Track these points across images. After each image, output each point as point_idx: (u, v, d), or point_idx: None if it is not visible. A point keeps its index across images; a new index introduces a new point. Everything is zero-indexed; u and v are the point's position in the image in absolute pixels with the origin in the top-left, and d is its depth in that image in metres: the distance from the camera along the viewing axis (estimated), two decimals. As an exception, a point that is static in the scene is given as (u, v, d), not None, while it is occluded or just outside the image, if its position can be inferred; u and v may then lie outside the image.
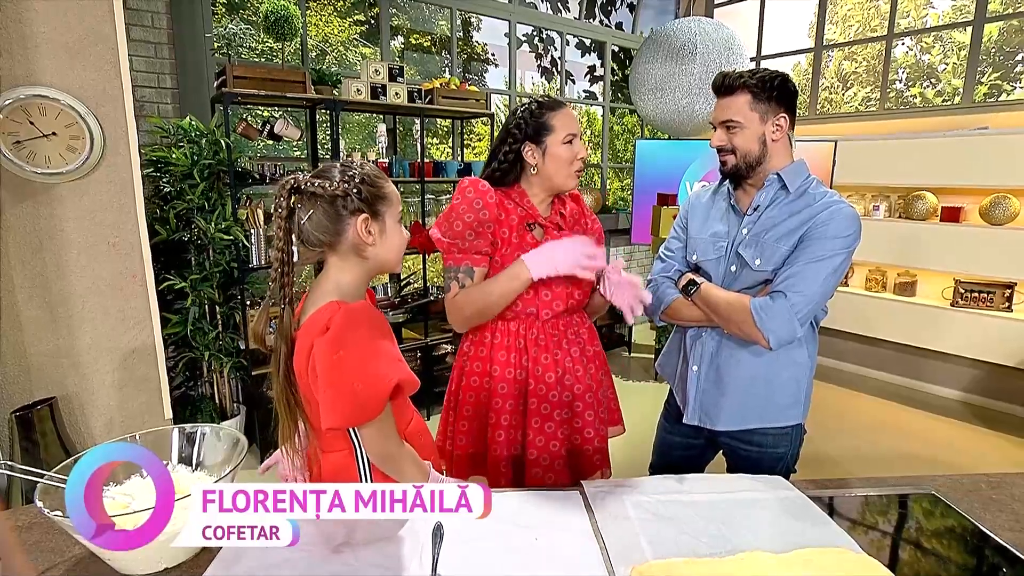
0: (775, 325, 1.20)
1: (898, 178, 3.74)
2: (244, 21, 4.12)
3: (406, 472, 1.02)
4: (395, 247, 1.03)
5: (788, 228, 1.24)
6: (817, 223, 1.21)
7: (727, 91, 1.25)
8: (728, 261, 1.33)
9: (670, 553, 0.89)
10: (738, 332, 1.26)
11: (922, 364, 3.81)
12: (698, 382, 1.37)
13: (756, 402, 1.32)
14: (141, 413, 2.13)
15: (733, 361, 1.32)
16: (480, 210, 1.28)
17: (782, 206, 1.27)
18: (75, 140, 1.89)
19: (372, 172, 1.00)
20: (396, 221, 1.03)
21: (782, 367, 1.30)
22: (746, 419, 1.33)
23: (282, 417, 0.99)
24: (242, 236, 2.54)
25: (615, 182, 6.05)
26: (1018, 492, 1.09)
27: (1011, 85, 5.32)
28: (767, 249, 1.25)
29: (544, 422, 1.33)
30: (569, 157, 1.30)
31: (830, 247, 1.20)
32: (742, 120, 1.25)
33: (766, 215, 1.28)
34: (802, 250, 1.22)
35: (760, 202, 1.29)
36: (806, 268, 1.20)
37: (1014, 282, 3.37)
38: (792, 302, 1.19)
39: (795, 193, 1.27)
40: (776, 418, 1.33)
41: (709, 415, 1.36)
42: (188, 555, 0.87)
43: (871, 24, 6.61)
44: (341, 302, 0.94)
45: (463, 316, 1.32)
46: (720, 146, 1.29)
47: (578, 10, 4.65)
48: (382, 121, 3.55)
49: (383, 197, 1.00)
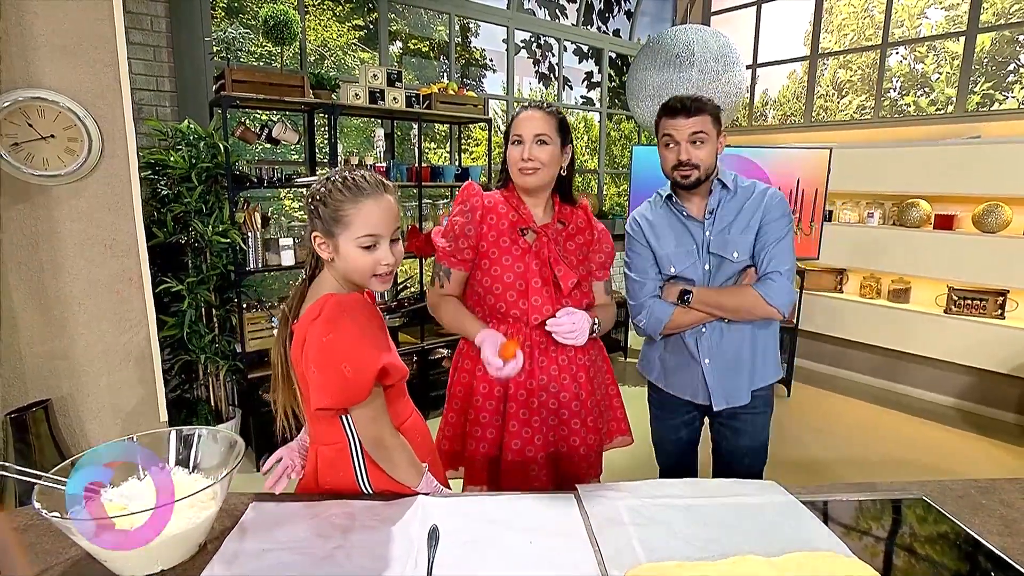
0: (782, 298, 1.43)
1: (892, 185, 3.78)
2: (243, 25, 4.14)
3: (398, 463, 1.04)
4: (354, 269, 1.01)
5: (746, 220, 1.48)
6: (767, 209, 1.47)
7: (696, 111, 1.43)
8: (702, 261, 1.51)
9: (663, 556, 0.90)
10: (748, 316, 1.47)
11: (915, 370, 3.83)
12: (715, 372, 1.52)
13: (759, 368, 1.53)
14: (136, 415, 2.13)
15: (736, 343, 1.51)
16: (466, 213, 1.35)
17: (727, 204, 1.50)
18: (73, 142, 1.89)
19: (339, 193, 0.98)
20: (354, 244, 0.99)
21: (764, 329, 1.53)
22: (753, 385, 1.53)
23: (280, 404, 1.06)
24: (239, 239, 2.55)
25: (611, 188, 6.08)
26: (1007, 497, 1.11)
27: (1003, 95, 5.37)
28: (740, 243, 1.47)
29: (522, 426, 1.35)
30: (513, 157, 1.35)
31: (784, 224, 1.47)
32: (710, 134, 1.44)
33: (719, 215, 1.50)
34: (766, 234, 1.46)
35: (714, 206, 1.50)
36: (778, 247, 1.45)
37: (1006, 290, 3.40)
38: (785, 275, 1.44)
39: (732, 190, 1.51)
40: (769, 375, 1.56)
41: (731, 395, 1.53)
42: (184, 557, 0.87)
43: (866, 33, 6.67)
44: (333, 294, 1.00)
45: (438, 316, 1.42)
46: (688, 160, 1.44)
47: (576, 17, 4.68)
48: (380, 126, 3.56)
49: (337, 220, 0.98)
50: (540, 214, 1.40)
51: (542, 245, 1.36)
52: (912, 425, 3.41)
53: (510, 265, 1.34)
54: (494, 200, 1.38)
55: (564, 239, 1.41)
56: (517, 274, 1.34)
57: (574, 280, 1.37)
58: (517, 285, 1.34)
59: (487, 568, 0.88)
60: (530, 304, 1.33)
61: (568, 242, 1.42)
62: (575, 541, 0.95)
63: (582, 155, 6.70)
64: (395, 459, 1.03)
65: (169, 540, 0.83)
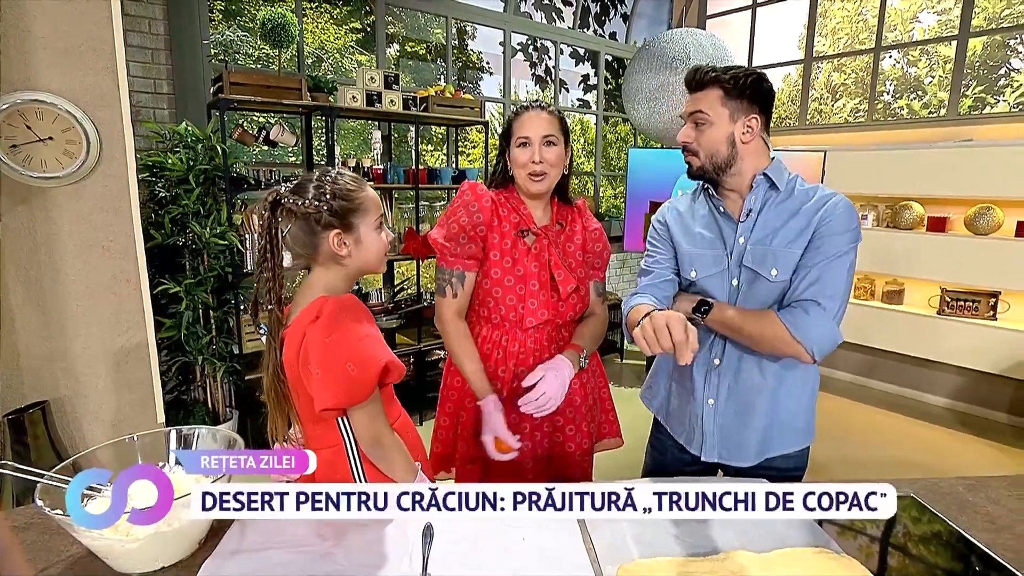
0: (816, 335, 1.09)
1: (886, 188, 3.81)
2: (241, 28, 4.15)
3: (394, 462, 1.05)
4: (372, 253, 1.07)
5: (795, 231, 1.14)
6: (823, 219, 1.12)
7: (698, 85, 1.18)
8: (730, 275, 1.20)
9: (656, 552, 0.91)
10: (770, 350, 1.14)
11: (909, 371, 3.86)
12: (715, 417, 1.23)
13: (778, 428, 1.22)
14: (134, 417, 2.13)
15: (755, 390, 1.20)
16: (475, 213, 1.31)
17: (776, 207, 1.18)
18: (71, 144, 1.90)
19: (345, 185, 1.03)
20: (373, 228, 1.06)
21: (799, 383, 1.22)
22: (769, 449, 1.23)
23: (272, 412, 1.04)
24: (237, 241, 2.56)
25: (608, 190, 6.11)
26: (993, 494, 1.12)
27: (994, 98, 5.42)
28: (781, 257, 1.14)
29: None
30: (521, 160, 1.31)
31: (841, 243, 1.11)
32: (711, 115, 1.16)
33: (762, 220, 1.18)
34: (815, 250, 1.12)
35: (752, 206, 1.18)
36: (826, 269, 1.11)
37: (998, 291, 3.43)
38: (826, 308, 1.10)
39: (785, 191, 1.18)
40: (795, 441, 1.25)
41: (730, 451, 1.23)
42: (184, 553, 0.89)
43: (859, 37, 6.72)
44: (328, 296, 1.01)
45: (446, 341, 1.37)
46: (686, 143, 1.21)
47: (572, 20, 4.70)
48: (377, 128, 3.58)
49: (355, 209, 1.03)
50: (540, 216, 1.38)
51: (542, 248, 1.35)
52: (906, 425, 3.44)
53: (510, 268, 1.32)
54: (495, 200, 1.35)
55: (563, 241, 1.39)
56: (517, 277, 1.32)
57: (573, 285, 1.34)
58: (517, 289, 1.32)
59: (481, 564, 0.89)
60: (527, 307, 1.32)
61: (567, 243, 1.39)
62: (569, 537, 0.96)
63: (579, 157, 6.73)
64: (392, 458, 1.05)
65: (169, 537, 0.85)
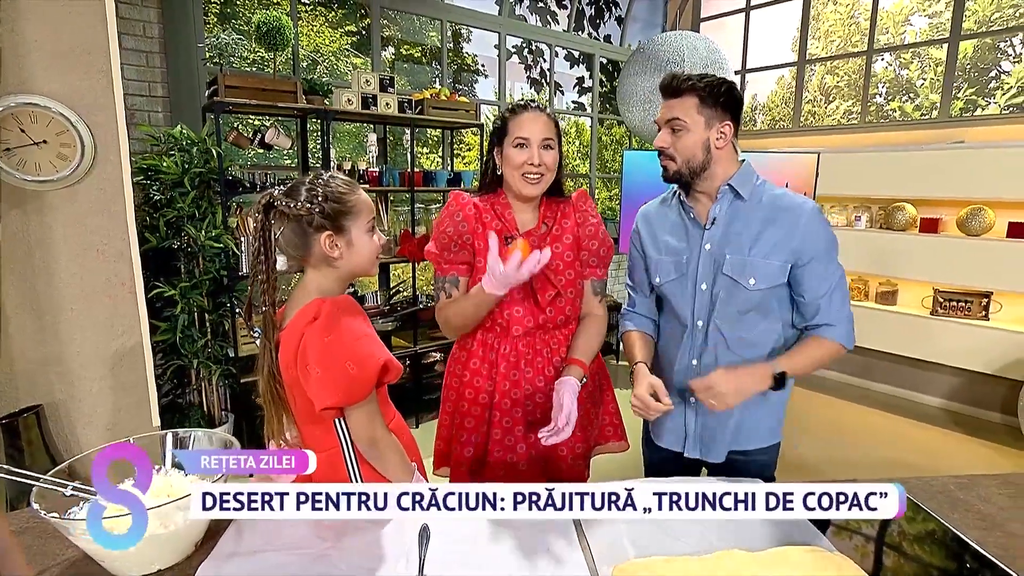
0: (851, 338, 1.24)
1: (879, 189, 3.84)
2: (236, 31, 4.15)
3: (391, 462, 1.06)
4: (364, 256, 1.08)
5: (772, 241, 1.20)
6: (806, 237, 1.19)
7: (675, 92, 1.22)
8: (696, 280, 1.26)
9: (651, 552, 0.92)
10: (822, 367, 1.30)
11: (903, 372, 3.88)
12: (696, 413, 1.31)
13: (751, 424, 1.31)
14: (129, 420, 2.13)
15: None
16: (459, 222, 1.32)
17: (745, 215, 1.23)
18: (66, 148, 1.90)
19: (337, 187, 1.04)
20: (365, 231, 1.07)
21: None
22: (736, 444, 1.32)
23: (268, 414, 1.05)
24: (232, 244, 2.55)
25: (603, 192, 6.13)
26: (984, 493, 1.14)
27: (986, 101, 5.47)
28: (759, 267, 1.20)
29: (505, 434, 1.35)
30: (517, 161, 1.27)
31: (830, 258, 1.22)
32: (688, 122, 1.20)
33: (731, 229, 1.23)
34: (816, 277, 1.21)
35: (716, 214, 1.24)
36: (836, 289, 1.22)
37: (990, 291, 3.46)
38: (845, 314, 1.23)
39: (752, 199, 1.23)
40: (766, 438, 1.34)
41: (708, 447, 1.32)
42: (181, 556, 0.89)
43: (852, 40, 6.78)
44: (324, 298, 1.02)
45: (452, 326, 1.37)
46: (662, 148, 1.25)
47: (567, 23, 4.72)
48: (373, 131, 3.58)
49: (347, 212, 1.04)
50: (527, 219, 1.37)
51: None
52: (900, 426, 3.46)
53: None
54: (479, 208, 1.35)
55: (549, 243, 1.33)
56: None
57: (552, 292, 1.31)
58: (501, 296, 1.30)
59: (478, 565, 0.90)
60: (512, 315, 1.32)
61: (554, 245, 1.33)
62: (564, 537, 0.97)
63: (574, 160, 6.75)
64: (388, 458, 1.05)
65: (165, 540, 0.85)
